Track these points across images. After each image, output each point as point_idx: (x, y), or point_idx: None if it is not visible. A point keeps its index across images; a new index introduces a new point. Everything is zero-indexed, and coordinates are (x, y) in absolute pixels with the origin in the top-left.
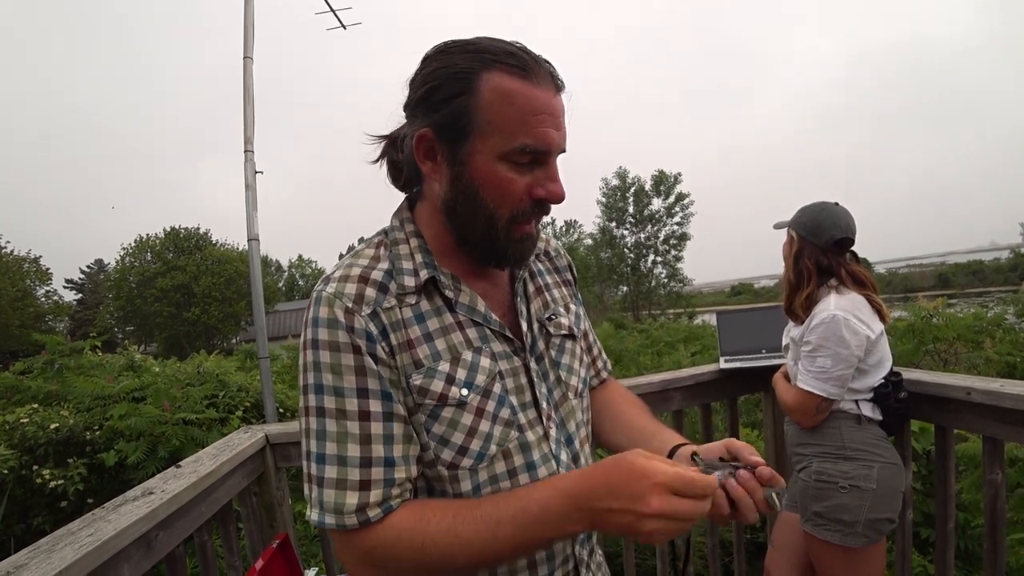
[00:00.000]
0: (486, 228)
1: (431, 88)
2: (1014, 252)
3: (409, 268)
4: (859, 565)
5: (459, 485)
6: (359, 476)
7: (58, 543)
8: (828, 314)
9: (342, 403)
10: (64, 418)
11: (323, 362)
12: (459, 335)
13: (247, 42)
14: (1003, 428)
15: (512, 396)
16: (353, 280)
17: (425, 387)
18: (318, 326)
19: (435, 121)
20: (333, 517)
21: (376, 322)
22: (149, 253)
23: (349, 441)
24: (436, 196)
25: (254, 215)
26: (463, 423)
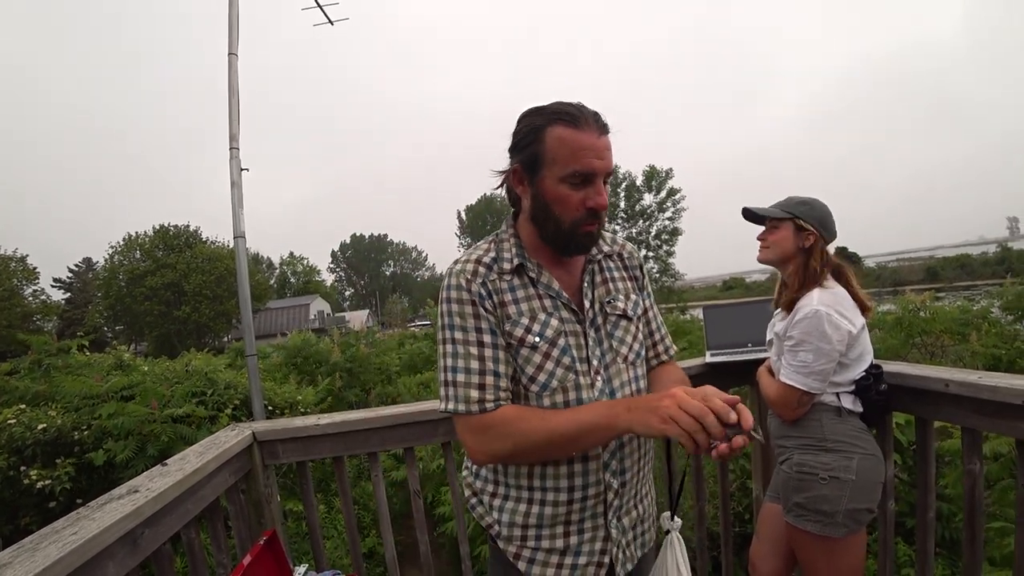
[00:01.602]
0: (555, 229)
1: (519, 139)
2: (1001, 246)
3: (507, 257)
4: (839, 554)
5: (531, 402)
6: (478, 380)
7: (42, 541)
8: (811, 309)
9: (467, 335)
10: (52, 418)
11: (454, 311)
12: (538, 302)
13: (232, 38)
14: (981, 419)
15: (573, 350)
16: (472, 262)
17: (511, 332)
18: (450, 289)
19: (521, 159)
20: (464, 405)
21: (485, 288)
22: (138, 251)
23: (472, 359)
24: (528, 210)
25: (240, 212)
26: (534, 360)
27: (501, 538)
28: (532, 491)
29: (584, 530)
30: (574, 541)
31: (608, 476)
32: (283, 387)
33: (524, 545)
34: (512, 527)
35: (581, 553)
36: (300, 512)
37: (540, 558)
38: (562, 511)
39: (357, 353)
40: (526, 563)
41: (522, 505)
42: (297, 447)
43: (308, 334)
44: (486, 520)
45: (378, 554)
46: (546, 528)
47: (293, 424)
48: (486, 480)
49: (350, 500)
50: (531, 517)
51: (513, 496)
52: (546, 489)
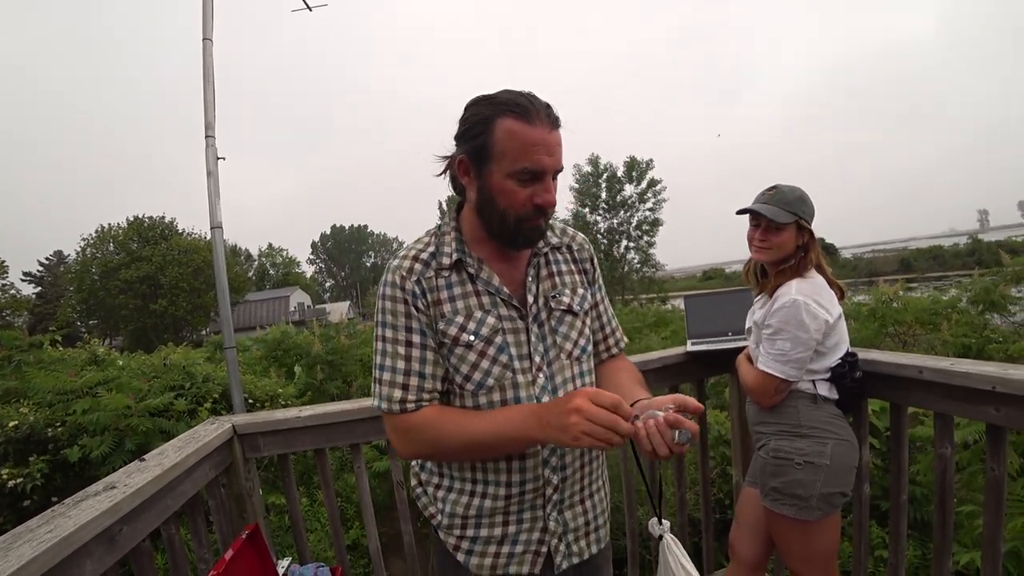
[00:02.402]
0: (500, 223)
1: (466, 128)
2: (971, 238)
3: (446, 252)
4: (814, 536)
5: (466, 402)
6: (402, 380)
7: (16, 541)
8: (789, 299)
9: (395, 334)
10: (24, 415)
11: (387, 308)
12: (475, 300)
13: (206, 23)
14: (953, 404)
15: (512, 347)
16: (408, 258)
17: (446, 331)
18: (385, 286)
19: (468, 150)
20: (385, 403)
21: (419, 286)
22: (112, 244)
23: (399, 358)
24: (472, 200)
25: (217, 202)
26: (469, 359)
27: (442, 528)
28: (475, 483)
29: (523, 520)
30: (512, 530)
31: (547, 472)
32: (263, 380)
33: (463, 535)
34: (453, 517)
35: (518, 542)
36: (282, 505)
37: (478, 548)
38: (501, 504)
39: (338, 345)
40: (464, 554)
41: (464, 497)
42: (278, 440)
43: (288, 327)
44: (429, 510)
45: (362, 546)
46: (485, 518)
47: (274, 417)
48: (431, 472)
49: (333, 492)
50: (471, 508)
51: (456, 488)
52: (487, 482)
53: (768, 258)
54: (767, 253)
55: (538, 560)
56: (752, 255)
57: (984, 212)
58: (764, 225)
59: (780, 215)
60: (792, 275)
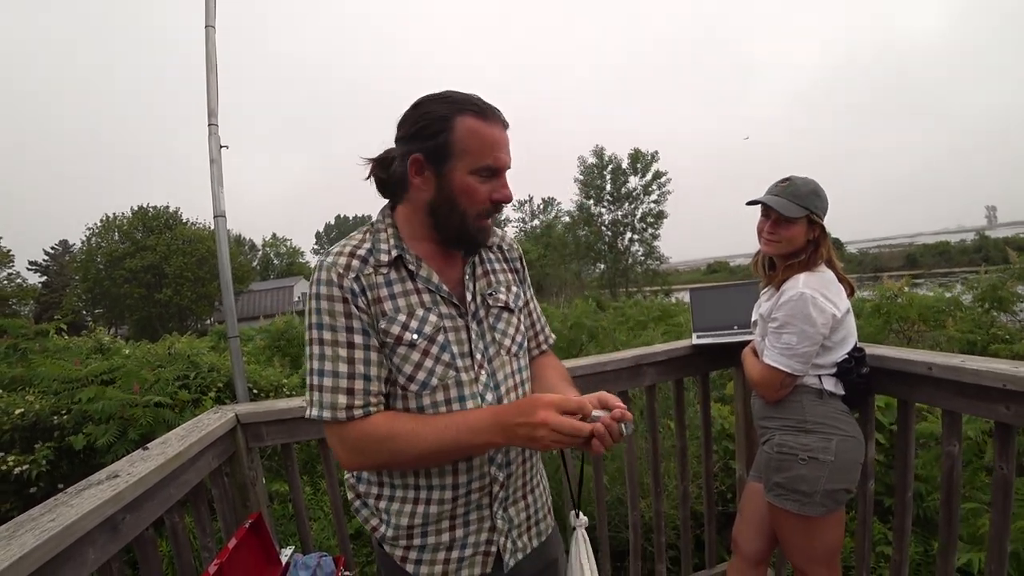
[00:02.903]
0: (460, 222)
1: (422, 126)
2: (979, 234)
3: (384, 248)
4: (817, 533)
5: (409, 403)
6: (346, 384)
7: (19, 529)
8: (796, 292)
9: (335, 335)
10: (30, 403)
11: (323, 308)
12: (416, 297)
13: (208, 10)
14: (962, 401)
15: (453, 346)
16: (344, 255)
17: (387, 329)
18: (320, 284)
19: (425, 148)
20: (329, 412)
21: (358, 284)
22: (116, 233)
23: (340, 361)
24: (421, 201)
25: (220, 191)
26: (412, 359)
27: (387, 541)
28: (418, 490)
29: (470, 522)
30: (460, 534)
31: (493, 469)
32: (267, 370)
33: (411, 545)
34: (398, 528)
35: (467, 545)
36: (285, 493)
37: (427, 557)
38: (448, 508)
39: None
40: (413, 564)
41: (407, 505)
42: (282, 429)
43: (292, 317)
44: (371, 523)
45: (365, 535)
46: (431, 525)
47: (277, 406)
48: (370, 483)
49: (336, 481)
50: (417, 516)
51: (399, 496)
52: (432, 488)
53: (777, 251)
54: (776, 247)
55: (488, 560)
56: (761, 247)
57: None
58: (774, 218)
59: (791, 209)
60: (801, 269)
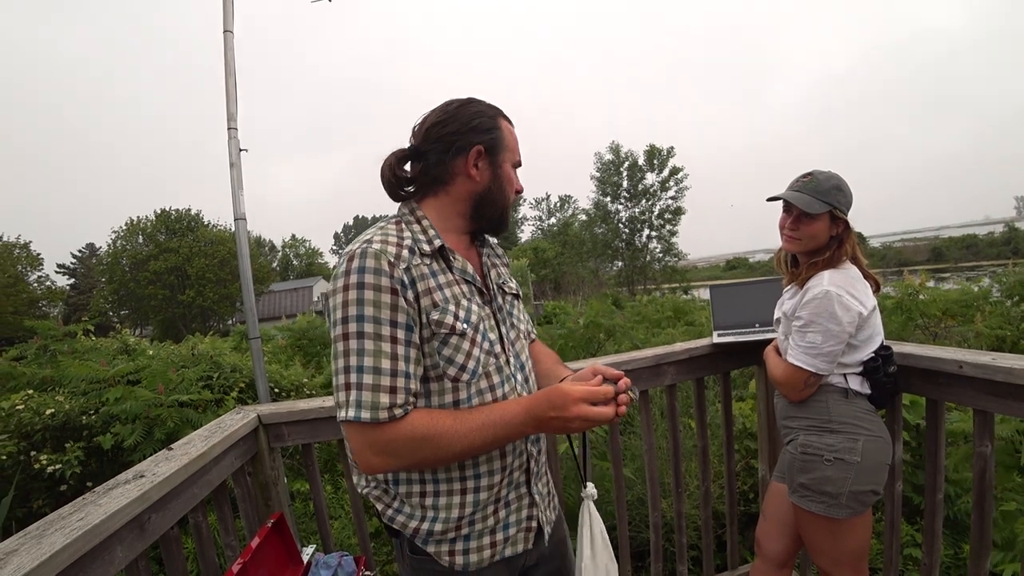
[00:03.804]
0: (502, 210)
1: (477, 123)
2: (1008, 226)
3: (424, 239)
4: (843, 535)
5: (459, 394)
6: (389, 383)
7: (48, 528)
8: (821, 290)
9: (380, 329)
10: (59, 403)
11: (367, 298)
12: (457, 288)
13: (227, 15)
14: (994, 401)
15: (489, 333)
16: (392, 243)
17: (441, 320)
18: (364, 272)
19: (484, 141)
20: (369, 412)
21: (408, 275)
22: (141, 236)
23: (383, 357)
24: (467, 191)
25: (240, 194)
26: (463, 348)
27: (433, 538)
28: (465, 480)
29: (510, 502)
30: (503, 515)
31: (529, 446)
32: (289, 370)
33: (459, 535)
34: (448, 521)
35: (510, 525)
36: (306, 492)
37: (473, 545)
38: (495, 491)
39: None
40: (461, 555)
41: (456, 497)
42: (303, 430)
43: (314, 316)
44: (411, 525)
45: (385, 534)
46: (479, 512)
47: (298, 407)
48: (410, 482)
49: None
50: (467, 506)
51: (445, 490)
52: (480, 475)
53: (798, 249)
54: (797, 244)
55: (529, 536)
56: (783, 244)
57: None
58: (796, 214)
59: (813, 205)
60: (825, 267)
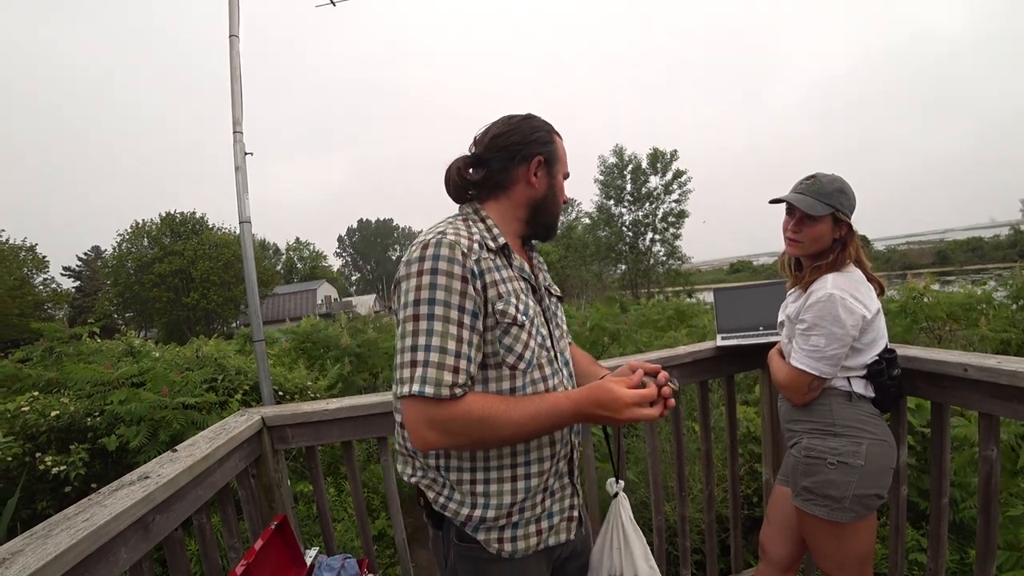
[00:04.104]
0: (555, 216)
1: (538, 136)
2: (1013, 229)
3: (490, 236)
4: (847, 539)
5: (515, 381)
6: (453, 363)
7: (54, 528)
8: (825, 293)
9: (449, 312)
10: (64, 405)
11: (439, 283)
12: (516, 284)
13: (232, 20)
14: (999, 404)
15: (542, 328)
16: (464, 236)
17: (505, 311)
18: (439, 259)
19: (544, 152)
20: (432, 388)
21: (477, 267)
22: (146, 239)
23: (450, 338)
24: (525, 197)
25: (245, 197)
26: (522, 339)
27: (483, 527)
28: (515, 468)
29: (554, 491)
30: (548, 503)
31: (573, 436)
32: (293, 372)
33: (508, 523)
34: (500, 508)
35: (554, 514)
36: (310, 494)
37: (520, 533)
38: (543, 478)
39: (367, 338)
40: (509, 542)
41: (507, 484)
42: (307, 432)
43: (317, 319)
44: (464, 513)
45: (387, 536)
46: (529, 499)
47: (302, 409)
48: (461, 470)
49: (359, 484)
50: (519, 493)
51: (495, 478)
52: (530, 462)
53: (800, 252)
54: (799, 247)
55: (571, 526)
56: (785, 248)
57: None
58: (798, 216)
59: (815, 207)
60: (828, 270)
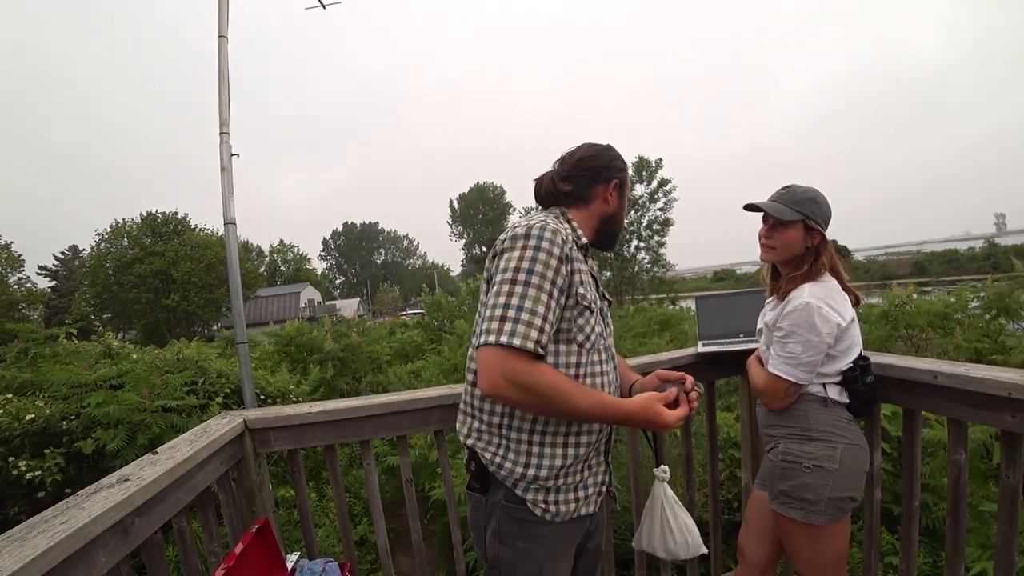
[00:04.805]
0: (618, 231)
1: (617, 164)
2: (987, 241)
3: (575, 236)
4: (823, 541)
5: (580, 357)
6: (540, 323)
7: (31, 531)
8: (801, 302)
9: (543, 283)
10: (40, 408)
11: (540, 258)
12: (588, 277)
13: (221, 21)
14: (967, 410)
15: (601, 320)
16: (562, 230)
17: (584, 294)
18: (544, 240)
19: (620, 178)
20: (520, 340)
21: (570, 253)
22: (126, 239)
23: (540, 304)
24: (600, 211)
25: (230, 198)
26: (591, 322)
27: (532, 487)
28: (568, 435)
29: (592, 466)
30: (586, 475)
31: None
32: (275, 376)
33: (555, 485)
34: (552, 468)
35: (590, 485)
36: (291, 499)
37: (562, 497)
38: (586, 451)
39: (350, 342)
40: (553, 504)
41: (559, 448)
42: (289, 435)
43: (302, 323)
44: (517, 471)
45: (369, 542)
46: (572, 467)
47: (285, 412)
48: (520, 430)
49: (342, 488)
50: (568, 457)
51: (550, 441)
52: (580, 433)
53: (773, 258)
54: (772, 253)
55: (599, 500)
56: (760, 254)
57: (1001, 216)
58: (771, 223)
59: (785, 213)
60: (804, 280)
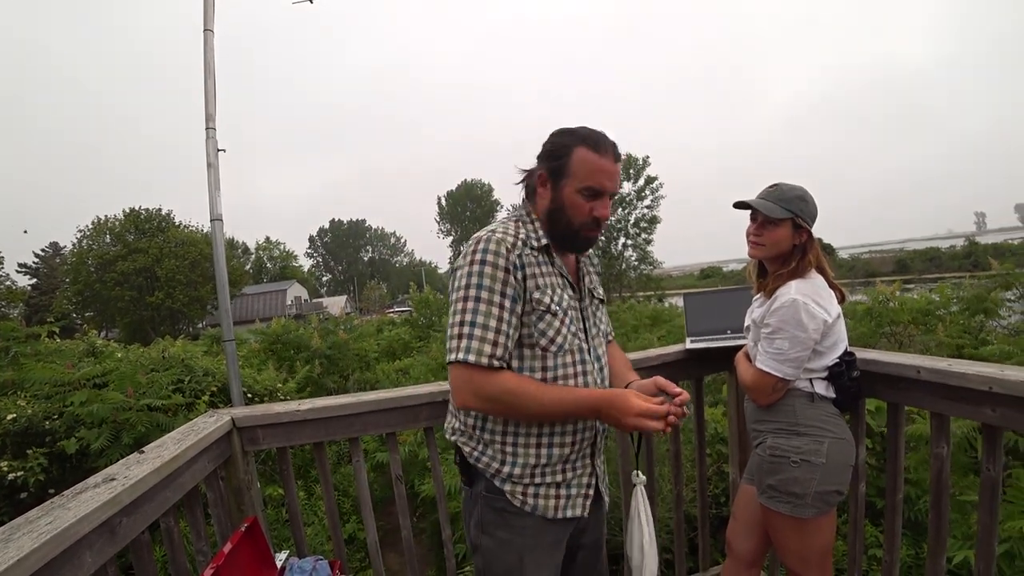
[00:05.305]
0: (565, 228)
1: (550, 151)
2: (968, 240)
3: (535, 236)
4: (810, 534)
5: (546, 361)
6: (493, 337)
7: (15, 532)
8: (788, 298)
9: (492, 296)
10: (22, 408)
11: (486, 272)
12: (555, 279)
13: (207, 14)
14: (950, 404)
15: (576, 322)
16: (510, 235)
17: (540, 299)
18: (486, 253)
19: (548, 168)
20: (474, 356)
21: (519, 260)
22: (108, 235)
23: (491, 317)
24: (542, 207)
25: (217, 195)
26: (554, 325)
27: (510, 480)
28: (540, 436)
29: (577, 468)
30: (569, 476)
31: (598, 424)
32: (263, 374)
33: (531, 483)
34: (525, 467)
35: (572, 486)
36: (280, 498)
37: (542, 492)
38: (566, 451)
39: (337, 340)
40: (532, 498)
41: (531, 449)
42: (277, 433)
43: (289, 320)
44: (493, 466)
45: (359, 539)
46: (550, 467)
47: (273, 410)
48: (495, 425)
49: (331, 486)
50: (541, 457)
51: (522, 442)
52: (553, 435)
53: (762, 255)
54: (760, 249)
55: (586, 503)
56: (748, 251)
57: (981, 215)
58: (760, 220)
59: (774, 210)
60: (791, 277)
